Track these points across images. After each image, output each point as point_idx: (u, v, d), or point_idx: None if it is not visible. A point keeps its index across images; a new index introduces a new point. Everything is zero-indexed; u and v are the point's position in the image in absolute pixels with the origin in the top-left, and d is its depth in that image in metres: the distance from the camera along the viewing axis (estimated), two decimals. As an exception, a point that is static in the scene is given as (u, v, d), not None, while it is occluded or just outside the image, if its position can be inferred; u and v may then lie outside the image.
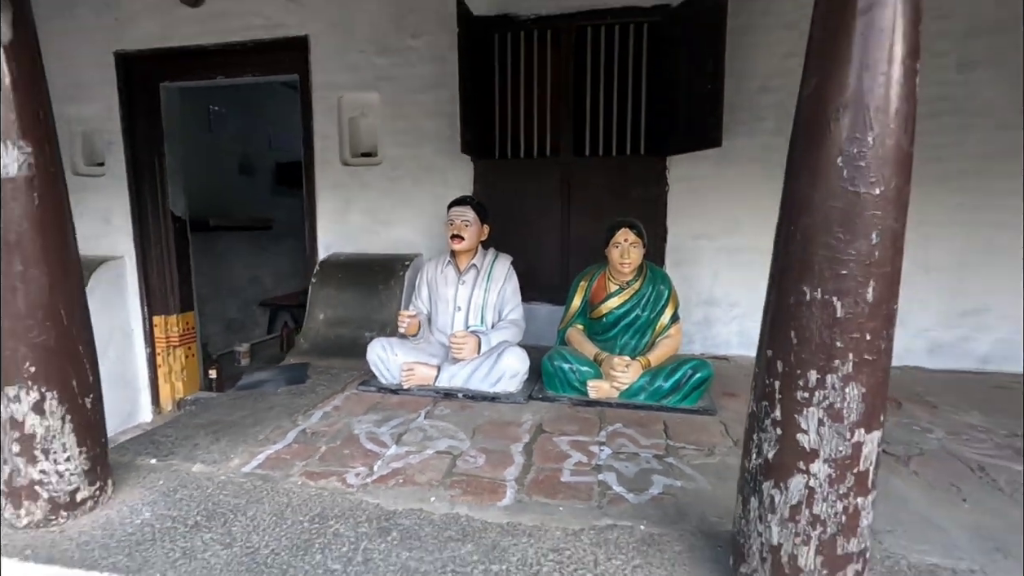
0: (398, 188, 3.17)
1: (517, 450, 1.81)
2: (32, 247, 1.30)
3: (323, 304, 3.02)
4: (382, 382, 2.37)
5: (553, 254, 3.00)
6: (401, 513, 1.44)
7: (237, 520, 1.41)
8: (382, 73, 3.10)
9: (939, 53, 2.54)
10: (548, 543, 1.31)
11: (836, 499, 0.97)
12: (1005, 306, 2.65)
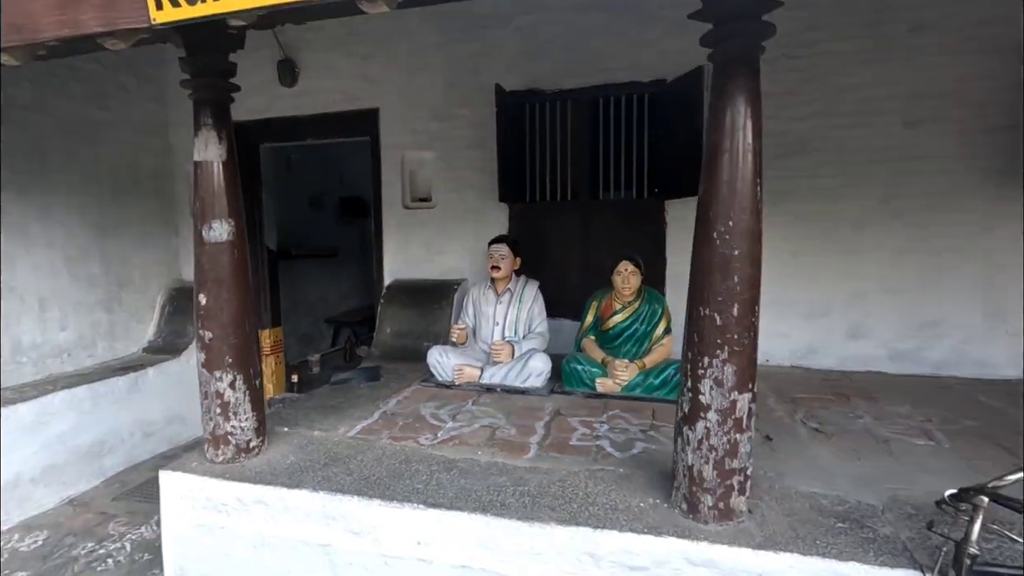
0: (448, 226, 3.93)
1: (539, 426, 2.48)
2: (231, 283, 2.09)
3: (390, 320, 3.78)
4: (439, 379, 3.09)
5: (575, 279, 3.67)
6: (459, 460, 2.13)
7: (352, 461, 2.14)
8: (436, 135, 3.88)
9: (889, 112, 3.11)
10: (556, 477, 1.98)
11: (723, 435, 1.61)
12: (955, 320, 3.16)
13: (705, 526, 1.65)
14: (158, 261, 4.35)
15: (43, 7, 1.57)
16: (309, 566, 1.97)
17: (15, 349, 3.36)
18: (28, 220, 3.40)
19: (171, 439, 3.94)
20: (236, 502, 2.03)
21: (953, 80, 2.97)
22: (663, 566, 1.61)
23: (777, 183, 3.29)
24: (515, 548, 1.73)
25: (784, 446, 2.25)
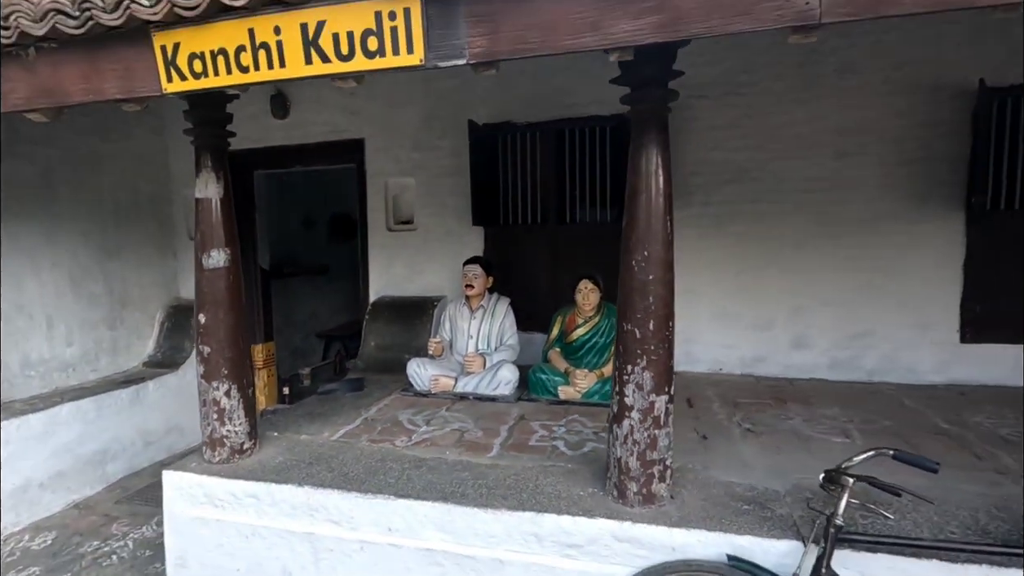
0: (428, 247, 4.23)
1: (504, 428, 2.77)
2: (227, 304, 2.38)
3: (375, 334, 4.08)
4: (417, 389, 3.38)
5: (544, 296, 3.97)
6: (429, 459, 2.42)
7: (333, 461, 2.42)
8: (417, 164, 4.20)
9: (821, 145, 3.46)
10: (512, 472, 2.27)
11: (644, 431, 1.91)
12: (885, 331, 3.48)
13: (631, 509, 1.94)
14: (156, 281, 4.63)
15: (71, 77, 1.88)
16: (294, 552, 2.24)
17: (24, 364, 3.62)
18: (37, 244, 3.68)
19: (169, 448, 4.19)
20: (230, 497, 2.30)
21: (874, 117, 3.33)
22: (595, 543, 1.90)
23: (722, 207, 3.64)
24: (471, 532, 2.02)
25: (717, 444, 2.55)
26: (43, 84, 1.92)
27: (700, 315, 3.75)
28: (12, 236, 3.52)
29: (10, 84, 1.95)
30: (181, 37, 1.70)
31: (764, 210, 3.57)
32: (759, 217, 3.58)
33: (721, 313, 3.73)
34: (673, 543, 1.83)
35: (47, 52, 1.87)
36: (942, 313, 3.39)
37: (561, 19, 1.43)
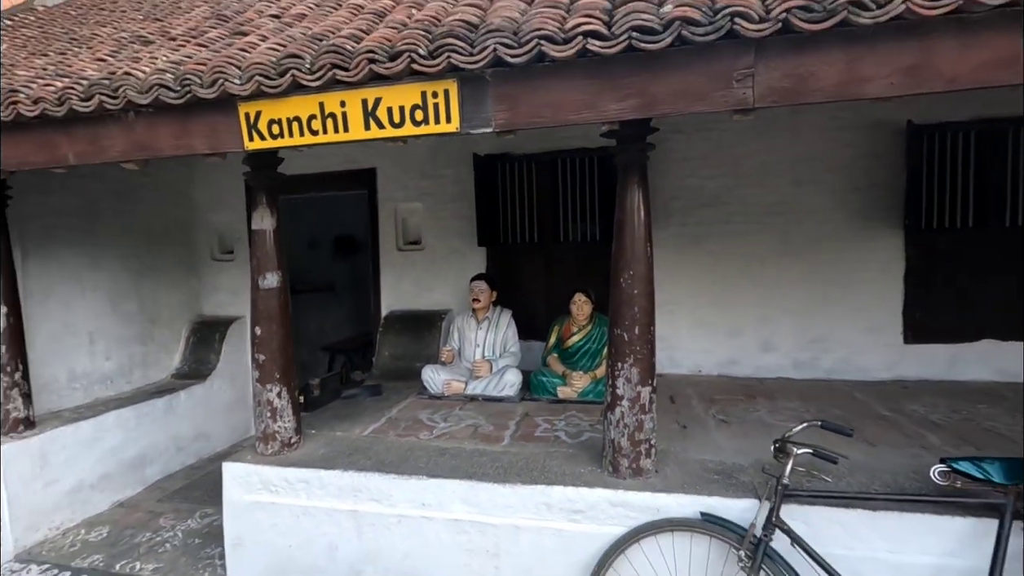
0: (435, 266, 4.68)
1: (512, 423, 3.21)
2: (279, 319, 2.80)
3: (388, 345, 4.49)
4: (431, 392, 3.80)
5: (541, 308, 4.42)
6: (450, 448, 2.85)
7: (369, 451, 2.84)
8: (424, 190, 4.66)
9: (779, 173, 3.99)
10: (522, 456, 2.70)
11: (632, 416, 2.37)
12: (840, 335, 3.99)
13: (623, 480, 2.39)
14: (182, 300, 5.01)
15: (164, 136, 2.31)
16: (340, 528, 2.65)
17: (71, 377, 3.99)
18: (82, 268, 4.07)
19: (198, 453, 4.55)
20: (284, 482, 2.70)
21: (823, 150, 3.86)
22: (594, 508, 2.34)
23: (698, 228, 4.15)
24: (492, 503, 2.45)
25: (694, 432, 3.01)
26: (139, 140, 2.35)
27: (680, 324, 4.23)
28: (62, 261, 3.91)
29: (110, 141, 2.37)
30: (263, 107, 2.15)
31: (734, 230, 4.07)
32: (730, 237, 4.09)
33: (699, 322, 4.21)
34: (657, 505, 2.27)
35: (145, 115, 2.30)
36: (888, 318, 3.91)
37: (565, 100, 1.90)
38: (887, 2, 1.55)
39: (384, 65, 1.94)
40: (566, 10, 1.90)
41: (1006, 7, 1.53)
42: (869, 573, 2.07)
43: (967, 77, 1.64)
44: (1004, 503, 1.91)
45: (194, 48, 2.39)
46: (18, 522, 3.25)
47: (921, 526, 2.06)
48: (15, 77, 2.56)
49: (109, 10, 3.60)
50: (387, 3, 2.38)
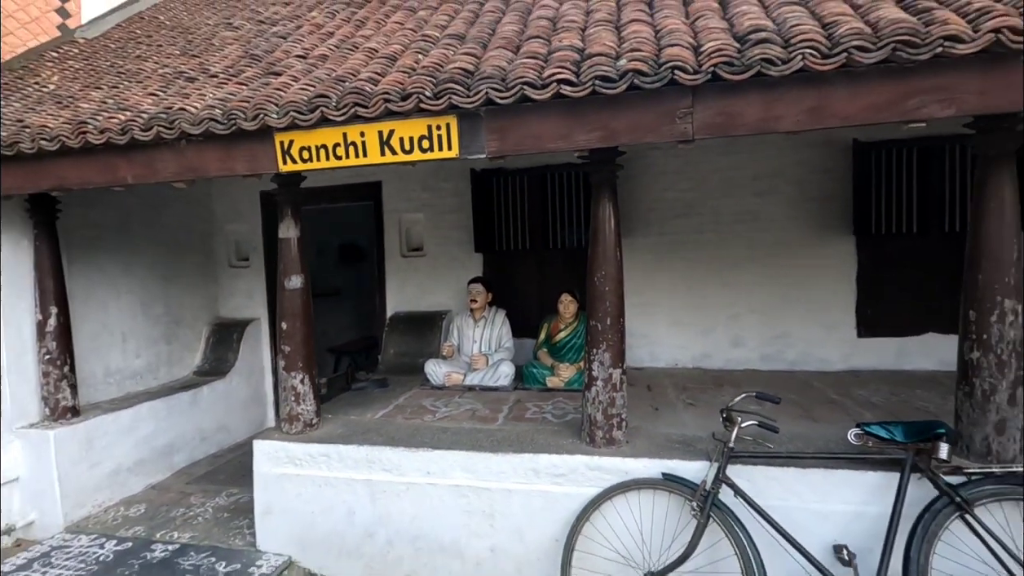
0: (436, 271, 5.12)
1: (505, 408, 3.63)
2: (302, 315, 3.23)
3: (393, 343, 4.92)
4: (433, 383, 4.22)
5: (532, 308, 4.85)
6: (451, 428, 3.27)
7: (381, 430, 3.26)
8: (425, 202, 5.10)
9: (744, 186, 4.44)
10: (514, 432, 3.13)
11: (606, 394, 2.80)
12: (801, 331, 4.43)
13: (599, 449, 2.81)
14: (202, 303, 5.43)
15: (212, 159, 2.75)
16: (357, 495, 3.06)
17: (106, 372, 4.40)
18: (117, 274, 4.49)
19: (219, 443, 4.95)
20: (307, 457, 3.12)
21: (781, 165, 4.33)
22: (574, 472, 2.76)
23: (674, 237, 4.60)
24: (487, 471, 2.87)
25: (665, 414, 3.44)
26: (189, 164, 2.79)
27: (659, 323, 4.67)
28: (100, 268, 4.34)
29: (163, 164, 2.82)
30: (295, 136, 2.59)
31: (706, 238, 4.53)
32: (702, 244, 4.54)
33: (675, 321, 4.65)
34: (627, 469, 2.70)
35: (195, 142, 2.75)
36: (843, 315, 4.36)
37: (544, 132, 2.35)
38: (790, 59, 2.01)
39: (397, 104, 2.39)
40: (544, 60, 2.35)
41: (881, 64, 1.99)
42: (799, 520, 2.49)
43: (857, 116, 2.09)
44: (904, 458, 2.35)
45: (235, 86, 2.84)
46: (67, 499, 3.66)
47: (841, 480, 2.49)
48: (80, 109, 3.01)
49: (146, 44, 4.05)
50: (397, 48, 2.84)
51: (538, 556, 2.82)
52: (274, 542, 3.20)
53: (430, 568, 2.98)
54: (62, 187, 3.05)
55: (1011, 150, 2.36)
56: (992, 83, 1.96)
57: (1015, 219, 2.38)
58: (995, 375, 2.41)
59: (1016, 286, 2.39)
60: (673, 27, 2.31)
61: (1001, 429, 2.41)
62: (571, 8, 2.85)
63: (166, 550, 3.28)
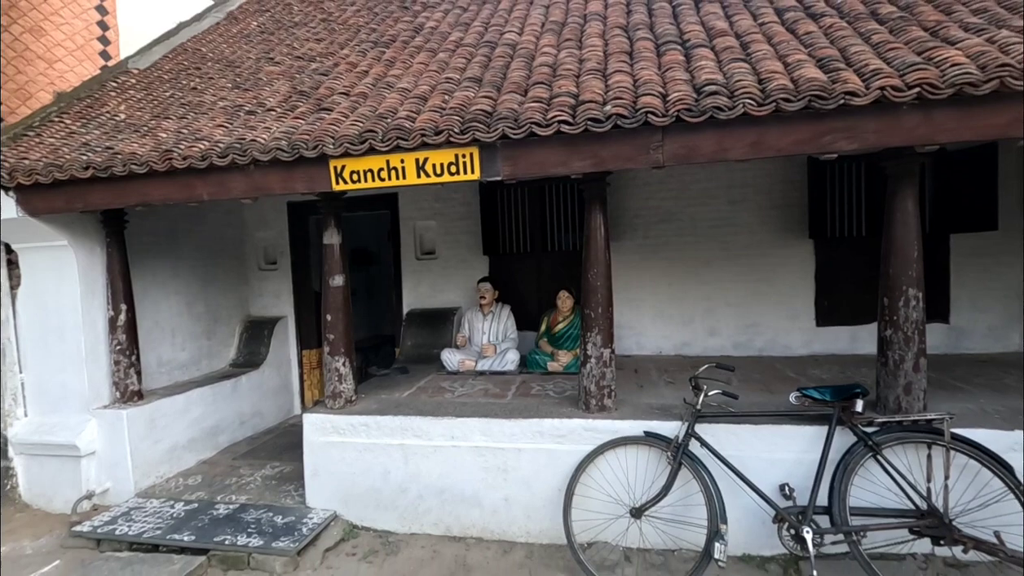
0: (447, 272, 5.75)
1: (512, 388, 4.26)
2: (343, 309, 3.85)
3: (411, 336, 5.55)
4: (448, 370, 4.84)
5: (533, 304, 5.50)
6: (469, 402, 3.90)
7: (410, 405, 3.88)
8: (437, 211, 5.73)
9: (718, 196, 5.11)
10: (523, 403, 3.76)
11: (598, 369, 3.44)
12: (768, 322, 5.09)
13: (592, 414, 3.45)
14: (236, 303, 6.03)
15: (275, 180, 3.37)
16: (391, 458, 3.68)
17: (158, 363, 4.99)
18: (167, 277, 5.09)
19: (255, 427, 5.55)
20: (349, 427, 3.74)
21: (752, 177, 4.99)
22: (573, 433, 3.39)
23: (657, 240, 5.26)
24: (501, 433, 3.50)
25: (648, 389, 4.08)
26: (256, 183, 3.41)
27: (645, 316, 5.33)
28: (153, 271, 4.93)
29: (234, 184, 3.43)
30: (347, 162, 3.22)
31: (684, 241, 5.19)
32: (681, 246, 5.20)
33: (659, 314, 5.31)
34: (615, 429, 3.34)
35: (261, 166, 3.36)
36: (803, 307, 5.03)
37: (547, 160, 2.99)
38: (734, 107, 2.66)
39: (431, 138, 3.02)
40: (547, 103, 2.99)
41: (803, 110, 2.64)
42: (753, 465, 3.12)
43: (786, 148, 2.75)
44: (832, 413, 2.99)
45: (293, 121, 3.46)
46: (137, 469, 4.25)
47: (785, 433, 3.15)
48: (160, 139, 3.62)
49: (198, 77, 4.66)
50: (425, 89, 3.48)
51: (544, 503, 3.45)
52: (321, 499, 3.81)
53: (454, 516, 3.61)
54: (145, 203, 3.65)
55: (913, 171, 3.03)
56: (883, 125, 2.63)
57: (916, 224, 3.05)
58: (903, 348, 3.07)
59: (918, 278, 3.06)
60: (648, 78, 2.96)
61: (908, 390, 3.07)
62: (567, 56, 3.50)
63: (228, 508, 3.88)
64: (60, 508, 4.20)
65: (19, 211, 3.88)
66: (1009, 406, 3.31)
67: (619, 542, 3.29)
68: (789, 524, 2.90)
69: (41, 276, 4.24)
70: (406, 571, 3.30)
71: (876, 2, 3.35)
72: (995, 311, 4.73)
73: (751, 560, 3.21)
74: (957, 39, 2.72)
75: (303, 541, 3.42)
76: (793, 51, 2.95)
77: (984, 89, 2.44)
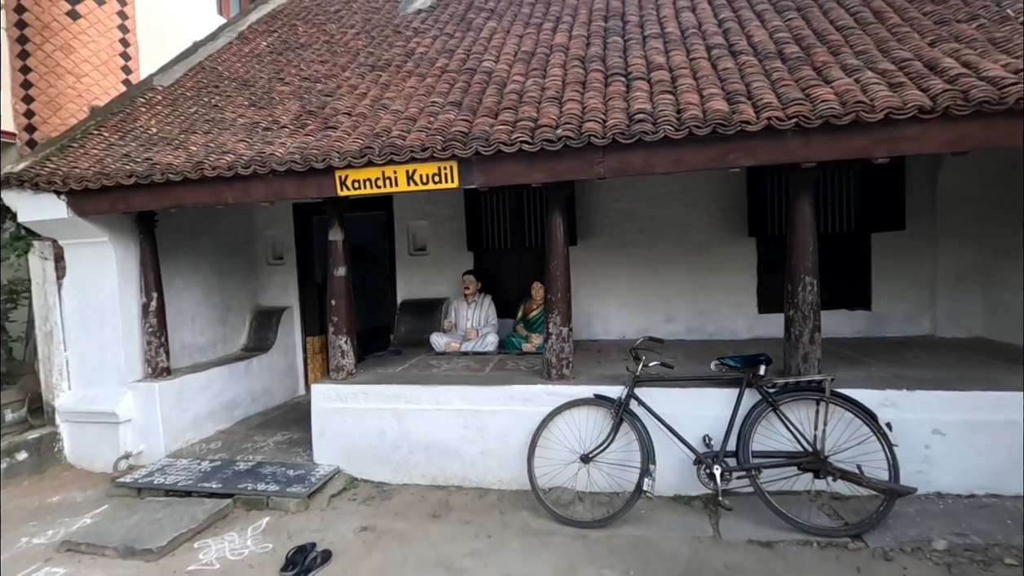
0: (436, 266, 6.44)
1: (491, 364, 4.97)
2: (345, 295, 4.55)
3: (404, 323, 6.25)
4: (436, 350, 5.54)
5: (513, 294, 6.20)
6: (452, 375, 4.60)
7: (402, 377, 4.58)
8: (428, 212, 6.43)
9: (674, 198, 5.82)
10: (498, 375, 4.47)
11: (558, 344, 4.15)
12: (717, 310, 5.82)
13: (553, 381, 4.15)
14: (246, 294, 6.71)
15: (290, 187, 4.06)
16: (386, 420, 4.38)
17: (181, 346, 5.67)
18: (188, 270, 5.77)
19: (265, 403, 6.24)
20: (350, 394, 4.43)
21: (702, 182, 5.71)
22: (537, 396, 4.10)
23: (622, 238, 5.97)
24: (479, 398, 4.20)
25: (604, 364, 4.79)
26: (273, 190, 4.10)
27: (611, 305, 6.04)
28: (177, 265, 5.61)
29: (255, 190, 4.12)
30: (350, 172, 3.92)
31: (645, 239, 5.90)
32: (642, 243, 5.91)
33: (623, 304, 6.02)
34: (571, 393, 4.04)
35: (278, 175, 4.05)
36: (747, 297, 5.75)
37: (513, 172, 3.70)
38: (656, 132, 3.37)
39: (418, 154, 3.72)
40: (512, 126, 3.70)
41: (711, 134, 3.35)
42: (681, 420, 3.82)
43: (701, 164, 3.47)
44: (742, 377, 3.71)
45: (304, 137, 4.15)
46: (167, 434, 4.94)
47: (707, 394, 3.86)
48: (191, 152, 4.31)
49: (217, 95, 5.34)
50: (414, 111, 4.17)
51: (514, 454, 4.15)
52: (326, 456, 4.51)
53: (439, 468, 4.31)
54: (179, 205, 4.34)
55: (809, 182, 3.76)
56: (772, 146, 3.35)
57: (812, 223, 3.78)
58: (801, 325, 3.79)
59: (813, 267, 3.78)
60: (593, 106, 3.67)
61: (805, 359, 3.79)
62: (532, 84, 4.20)
63: (247, 464, 4.58)
64: (101, 468, 4.88)
65: (69, 212, 4.56)
66: (894, 374, 4.04)
67: (572, 485, 3.99)
68: (705, 465, 3.62)
69: (84, 268, 4.92)
70: (398, 511, 4.01)
71: (785, 42, 4.06)
72: (909, 300, 5.47)
73: (681, 499, 3.93)
74: (834, 79, 3.43)
75: (312, 487, 4.12)
76: (710, 85, 3.66)
77: (844, 120, 3.16)
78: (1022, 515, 3.34)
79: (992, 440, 3.52)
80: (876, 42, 3.83)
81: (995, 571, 2.93)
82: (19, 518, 4.11)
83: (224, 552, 3.50)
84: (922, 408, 3.62)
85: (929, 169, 5.24)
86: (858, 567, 3.04)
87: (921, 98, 3.10)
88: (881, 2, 4.35)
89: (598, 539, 3.47)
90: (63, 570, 3.36)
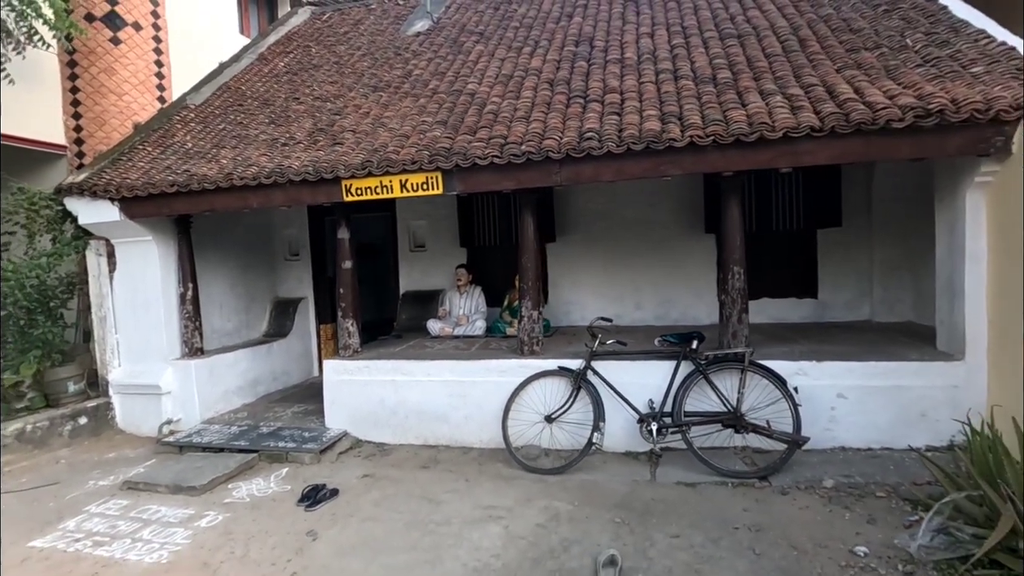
0: (433, 261, 7.24)
1: (477, 344, 5.75)
2: (351, 285, 5.36)
3: (406, 311, 7.06)
4: (432, 335, 6.33)
5: (501, 285, 6.96)
6: (443, 353, 5.39)
7: (400, 355, 5.38)
8: (426, 212, 7.22)
9: (640, 198, 6.54)
10: (482, 353, 5.25)
11: (529, 324, 4.91)
12: (680, 298, 6.53)
13: (525, 356, 4.92)
14: (266, 286, 7.57)
15: (305, 193, 4.88)
16: (385, 390, 5.18)
17: (211, 331, 6.52)
18: (216, 263, 6.63)
19: (284, 382, 7.09)
20: (355, 368, 5.24)
21: (665, 184, 6.42)
22: (511, 369, 4.87)
23: (596, 234, 6.71)
24: (464, 370, 4.99)
25: (574, 344, 5.53)
26: (291, 196, 4.92)
27: (586, 294, 6.79)
28: (207, 259, 6.47)
29: (276, 196, 4.94)
30: (353, 181, 4.71)
31: (616, 235, 6.64)
32: (613, 239, 6.65)
33: (597, 293, 6.77)
34: (541, 366, 4.80)
35: (295, 183, 4.86)
36: (707, 287, 6.45)
37: (487, 181, 4.47)
38: (601, 148, 4.12)
39: (409, 166, 4.51)
40: (486, 143, 4.46)
41: (645, 150, 4.08)
42: (630, 388, 4.55)
43: (638, 174, 4.21)
44: (679, 351, 4.45)
45: (316, 152, 4.96)
46: (201, 405, 5.80)
47: (651, 366, 4.60)
48: (222, 164, 5.14)
49: (241, 112, 6.18)
50: (407, 129, 4.96)
51: (491, 418, 4.92)
52: (336, 422, 5.32)
53: (429, 430, 5.10)
54: (211, 210, 5.18)
55: (737, 186, 4.48)
56: (696, 159, 4.08)
57: (740, 223, 4.50)
58: (731, 307, 4.52)
59: (740, 257, 4.51)
60: (554, 126, 4.43)
61: (735, 336, 4.52)
62: (507, 104, 4.96)
63: (269, 428, 5.42)
64: (146, 432, 5.76)
65: (121, 215, 5.42)
66: (813, 349, 4.75)
67: (539, 443, 4.76)
68: (646, 423, 4.36)
69: (132, 263, 5.79)
70: (395, 464, 4.81)
71: (720, 67, 4.77)
72: (850, 289, 6.14)
73: (630, 455, 4.68)
74: (749, 102, 4.15)
75: (323, 445, 4.94)
76: (650, 107, 4.39)
77: (751, 138, 3.88)
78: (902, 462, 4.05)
79: (885, 402, 4.22)
80: (794, 68, 4.53)
81: (866, 502, 3.65)
82: (83, 469, 4.99)
83: (253, 491, 4.33)
84: (828, 376, 4.33)
85: (865, 173, 5.90)
86: (757, 499, 3.77)
87: (813, 119, 3.81)
88: (808, 31, 5.04)
89: (554, 482, 4.24)
90: (127, 501, 4.22)
